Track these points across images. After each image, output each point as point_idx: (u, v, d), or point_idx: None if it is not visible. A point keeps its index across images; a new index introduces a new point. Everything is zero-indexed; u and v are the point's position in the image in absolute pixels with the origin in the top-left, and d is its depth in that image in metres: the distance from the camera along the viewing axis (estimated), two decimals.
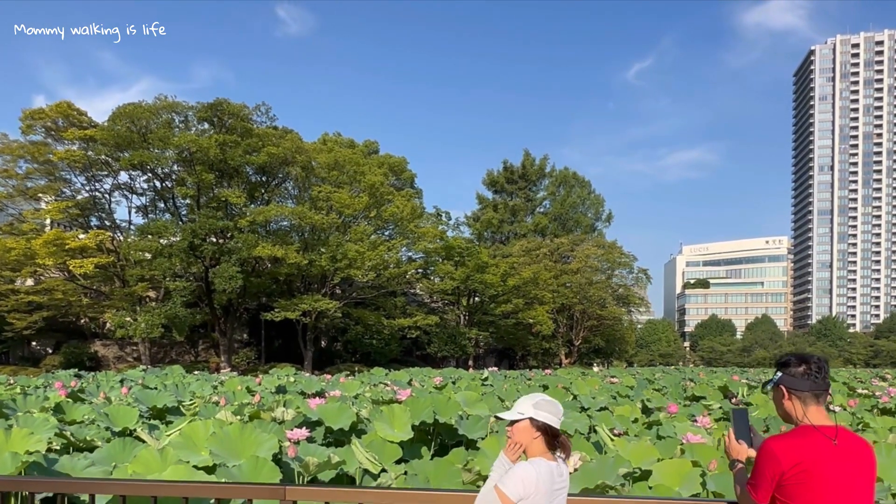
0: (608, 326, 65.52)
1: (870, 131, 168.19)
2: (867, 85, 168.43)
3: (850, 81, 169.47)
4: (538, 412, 2.51)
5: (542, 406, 2.54)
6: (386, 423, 5.94)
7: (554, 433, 2.52)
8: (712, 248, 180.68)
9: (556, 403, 2.63)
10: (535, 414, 2.50)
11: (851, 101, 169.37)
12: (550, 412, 2.53)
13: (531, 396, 2.63)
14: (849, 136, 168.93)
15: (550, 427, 2.50)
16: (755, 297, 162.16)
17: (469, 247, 53.41)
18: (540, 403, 2.55)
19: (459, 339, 52.23)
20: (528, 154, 77.48)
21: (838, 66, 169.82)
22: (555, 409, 2.56)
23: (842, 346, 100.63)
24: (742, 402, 9.23)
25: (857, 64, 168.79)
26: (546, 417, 2.50)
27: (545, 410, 2.52)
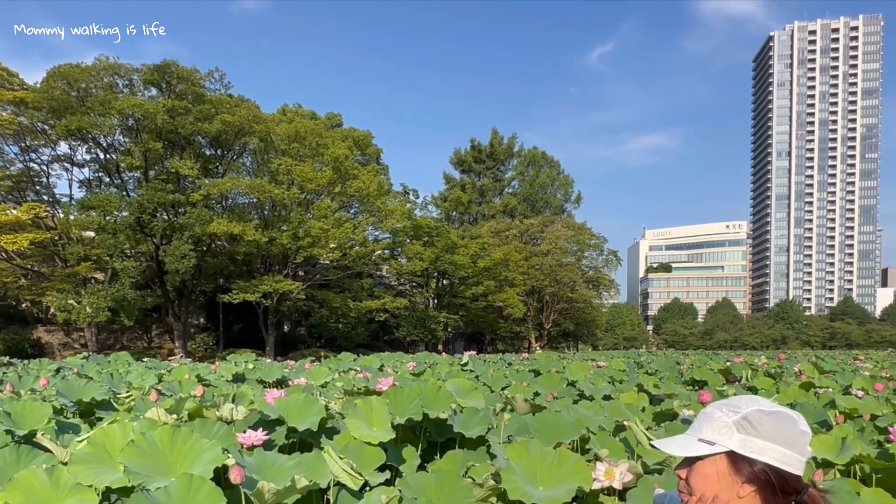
0: (578, 309, 65.30)
1: (825, 118, 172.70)
2: (823, 72, 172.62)
3: (807, 68, 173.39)
4: (751, 440, 1.23)
5: (759, 426, 1.23)
6: (363, 419, 4.57)
7: (789, 487, 1.22)
8: (674, 233, 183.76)
9: (791, 418, 1.27)
10: (746, 445, 1.24)
11: (808, 88, 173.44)
12: (779, 441, 1.23)
13: (729, 404, 1.31)
14: (805, 122, 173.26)
15: (782, 474, 1.22)
16: (716, 281, 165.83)
17: (438, 226, 51.93)
18: (754, 420, 1.24)
19: (429, 323, 50.96)
20: (496, 133, 76.17)
21: (796, 52, 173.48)
22: (789, 434, 1.24)
23: (799, 329, 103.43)
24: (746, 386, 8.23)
25: (814, 51, 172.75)
26: (772, 453, 1.22)
27: (768, 438, 1.23)
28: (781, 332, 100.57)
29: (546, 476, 3.17)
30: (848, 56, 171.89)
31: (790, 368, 10.14)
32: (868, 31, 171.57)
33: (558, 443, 4.17)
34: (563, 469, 3.16)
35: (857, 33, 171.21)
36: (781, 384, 7.90)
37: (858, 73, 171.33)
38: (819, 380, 8.00)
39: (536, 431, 4.36)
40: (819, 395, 6.47)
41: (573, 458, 3.17)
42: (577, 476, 3.09)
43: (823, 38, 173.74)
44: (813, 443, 3.81)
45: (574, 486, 3.00)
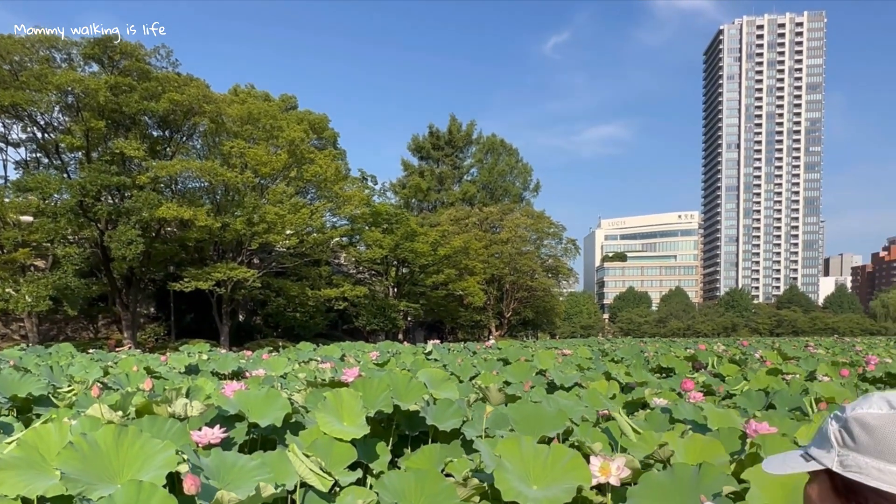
0: (538, 298, 65.82)
1: (772, 111, 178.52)
2: (770, 66, 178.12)
3: (755, 62, 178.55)
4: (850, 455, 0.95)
5: (859, 436, 0.95)
6: (332, 413, 4.23)
7: None
8: (629, 223, 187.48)
9: None
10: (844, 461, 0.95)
11: (756, 82, 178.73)
12: (886, 456, 0.92)
13: (848, 406, 1.01)
14: (754, 115, 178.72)
15: None
16: (669, 270, 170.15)
17: (398, 213, 51.35)
18: (855, 428, 0.95)
19: (389, 312, 50.47)
20: (454, 119, 75.64)
21: (744, 46, 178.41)
22: None
23: (748, 317, 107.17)
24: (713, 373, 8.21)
25: (762, 45, 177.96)
26: (877, 474, 0.91)
27: (871, 452, 0.93)
28: (732, 320, 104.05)
29: (540, 474, 2.90)
30: (793, 51, 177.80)
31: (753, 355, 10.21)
32: (812, 28, 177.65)
33: (544, 436, 3.92)
34: (559, 466, 2.89)
35: (801, 29, 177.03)
36: (747, 371, 7.89)
37: (803, 69, 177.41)
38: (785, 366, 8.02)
39: (517, 424, 4.11)
40: (790, 382, 6.42)
41: (569, 454, 2.90)
42: (575, 474, 2.83)
43: (770, 33, 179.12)
44: (801, 432, 3.67)
45: (572, 484, 2.74)
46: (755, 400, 5.68)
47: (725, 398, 6.36)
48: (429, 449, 4.08)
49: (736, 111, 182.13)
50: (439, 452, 4.07)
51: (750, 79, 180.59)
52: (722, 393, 6.56)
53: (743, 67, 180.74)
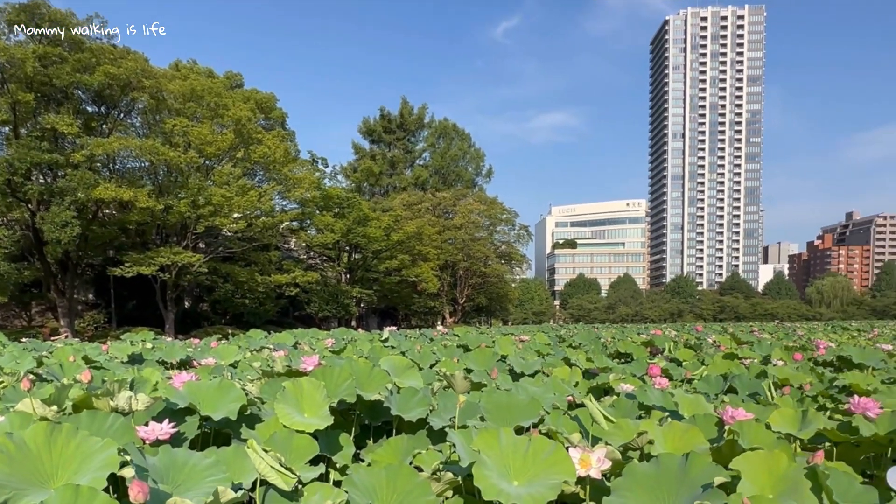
0: (491, 284, 66.20)
1: (715, 102, 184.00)
2: (714, 58, 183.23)
3: (699, 53, 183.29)
4: None
5: None
6: (292, 404, 3.96)
7: None
8: (579, 210, 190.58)
9: None
10: None
11: (700, 73, 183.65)
12: None
13: None
14: (698, 105, 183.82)
15: None
16: (617, 257, 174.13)
17: (349, 197, 50.52)
18: None
19: (342, 298, 49.78)
20: (405, 102, 74.81)
21: (689, 37, 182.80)
22: None
23: (692, 303, 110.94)
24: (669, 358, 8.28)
25: (706, 37, 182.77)
26: None
27: None
28: (678, 306, 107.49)
29: (521, 469, 2.72)
30: (735, 44, 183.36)
31: (706, 340, 10.36)
32: (753, 21, 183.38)
33: (518, 426, 3.77)
34: (540, 460, 2.72)
35: (743, 22, 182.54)
36: (704, 355, 7.96)
37: (744, 61, 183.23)
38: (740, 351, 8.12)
39: (489, 413, 3.93)
40: (749, 367, 6.48)
41: (550, 446, 2.73)
42: (558, 468, 2.66)
43: (714, 25, 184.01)
44: (774, 417, 3.63)
45: (557, 479, 2.57)
46: (715, 384, 5.70)
47: (684, 383, 6.38)
48: (395, 441, 3.87)
49: (681, 101, 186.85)
50: (406, 444, 3.87)
51: (694, 70, 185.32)
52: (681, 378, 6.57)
53: (688, 58, 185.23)
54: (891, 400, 4.26)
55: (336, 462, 3.86)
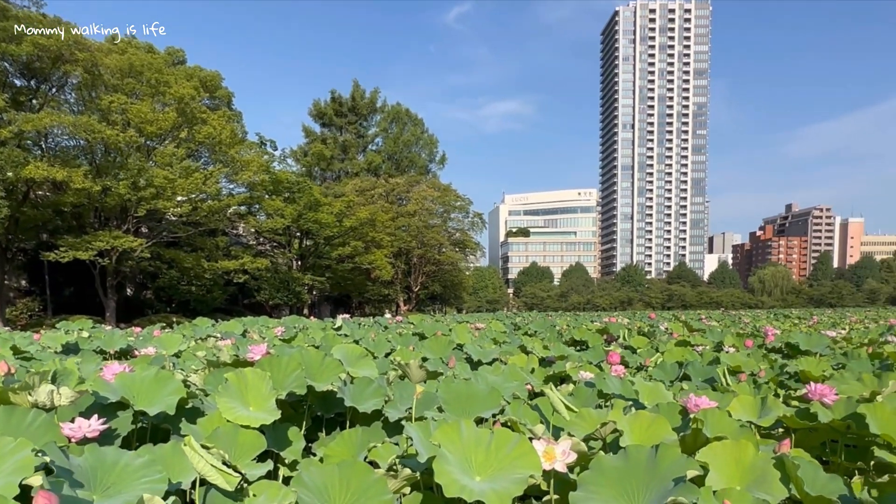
0: (446, 272, 66.12)
1: (663, 94, 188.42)
2: (662, 50, 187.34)
3: (647, 45, 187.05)
4: None
5: None
6: (236, 397, 3.71)
7: None
8: (532, 199, 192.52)
9: None
10: None
11: (649, 65, 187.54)
12: None
13: None
14: (647, 97, 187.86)
15: None
16: (569, 246, 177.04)
17: (300, 182, 49.34)
18: None
19: (293, 286, 48.77)
20: (357, 85, 73.36)
21: (638, 29, 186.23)
22: None
23: (642, 291, 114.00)
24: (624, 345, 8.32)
25: (654, 29, 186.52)
26: None
27: None
28: (628, 294, 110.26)
29: (484, 463, 2.56)
30: (682, 37, 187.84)
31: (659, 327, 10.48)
32: (699, 15, 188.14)
33: (478, 418, 3.62)
34: (504, 453, 2.56)
35: (689, 16, 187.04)
36: (657, 343, 8.01)
37: (691, 54, 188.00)
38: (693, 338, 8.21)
39: (447, 404, 3.77)
40: (703, 354, 6.52)
41: (514, 438, 2.58)
42: (523, 461, 2.51)
43: (662, 18, 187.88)
44: (734, 405, 3.60)
45: (522, 474, 2.42)
46: (670, 371, 5.70)
47: (640, 370, 6.38)
48: (348, 434, 3.67)
49: (631, 92, 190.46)
50: (360, 437, 3.68)
51: (643, 61, 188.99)
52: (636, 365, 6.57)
53: (637, 50, 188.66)
54: (843, 386, 4.30)
55: (285, 458, 3.64)
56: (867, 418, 3.12)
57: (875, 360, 5.63)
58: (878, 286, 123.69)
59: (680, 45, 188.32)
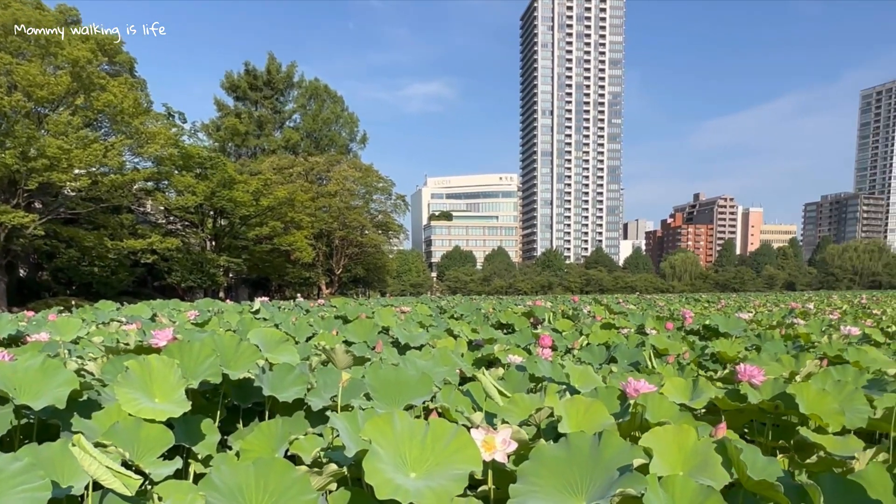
0: (369, 255, 65.28)
1: (581, 82, 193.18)
2: (579, 38, 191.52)
3: (565, 32, 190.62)
4: None
5: None
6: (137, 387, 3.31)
7: None
8: (454, 182, 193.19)
9: None
10: None
11: (566, 52, 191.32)
12: None
13: None
14: (565, 84, 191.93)
15: None
16: (492, 231, 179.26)
17: (213, 158, 46.97)
18: None
19: (207, 267, 46.62)
20: (272, 58, 70.49)
21: (556, 16, 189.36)
22: None
23: (561, 276, 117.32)
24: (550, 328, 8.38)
25: (571, 17, 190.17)
26: None
27: None
28: (548, 279, 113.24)
29: (420, 458, 2.36)
30: (598, 26, 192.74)
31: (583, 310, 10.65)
32: (613, 6, 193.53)
33: (410, 406, 3.42)
34: (441, 446, 2.37)
35: (605, 5, 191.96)
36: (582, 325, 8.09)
37: (606, 44, 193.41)
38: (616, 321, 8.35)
39: (376, 391, 3.55)
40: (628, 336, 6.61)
41: (452, 430, 2.39)
42: (463, 455, 2.33)
43: (578, 6, 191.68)
44: (667, 388, 3.59)
45: (462, 470, 2.24)
46: (598, 354, 5.72)
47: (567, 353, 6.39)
48: (267, 425, 3.38)
49: (549, 79, 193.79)
50: (281, 429, 3.40)
51: (561, 48, 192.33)
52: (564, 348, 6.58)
53: (555, 37, 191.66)
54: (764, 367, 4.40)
55: (198, 453, 3.31)
56: (797, 398, 3.17)
57: (788, 342, 5.87)
58: (775, 272, 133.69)
59: (596, 34, 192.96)
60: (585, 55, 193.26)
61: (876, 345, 5.94)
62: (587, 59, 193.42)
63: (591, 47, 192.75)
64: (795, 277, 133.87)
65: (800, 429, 3.16)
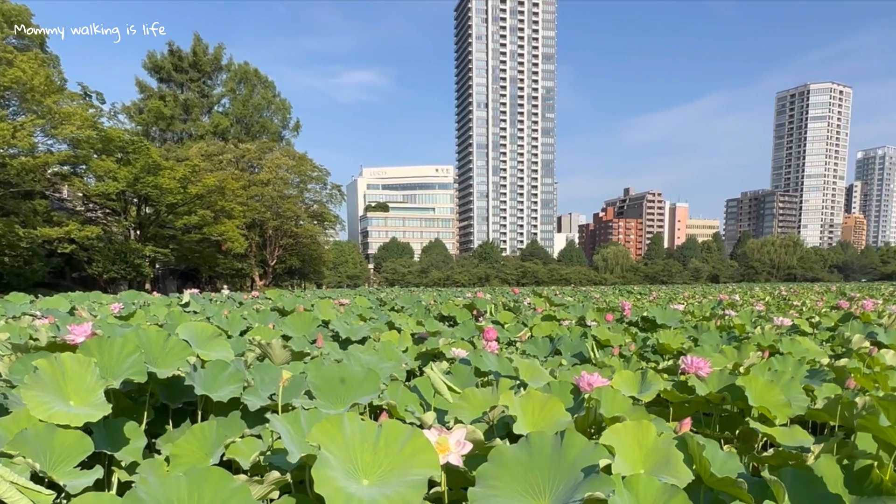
0: (304, 246, 63.74)
1: (515, 75, 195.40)
2: (513, 32, 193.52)
3: (499, 26, 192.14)
4: None
5: None
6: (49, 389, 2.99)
7: None
8: (390, 173, 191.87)
9: None
10: None
11: (501, 45, 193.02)
12: None
13: None
14: (499, 77, 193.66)
15: None
16: (428, 222, 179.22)
17: (136, 142, 44.37)
18: None
19: (131, 258, 44.21)
20: (199, 39, 67.29)
21: (490, 9, 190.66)
22: None
23: (498, 268, 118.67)
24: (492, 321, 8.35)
25: (505, 10, 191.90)
26: None
27: None
28: (485, 271, 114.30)
29: (372, 464, 2.18)
30: (531, 21, 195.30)
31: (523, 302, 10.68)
32: (546, 0, 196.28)
33: (356, 405, 3.23)
34: (396, 451, 2.20)
35: (537, 0, 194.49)
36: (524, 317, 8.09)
37: (539, 38, 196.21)
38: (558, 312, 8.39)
39: (318, 390, 3.35)
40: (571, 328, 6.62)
41: (406, 431, 2.23)
42: (419, 459, 2.17)
43: (512, 0, 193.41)
44: (616, 381, 3.57)
45: (420, 475, 2.08)
46: (542, 347, 5.69)
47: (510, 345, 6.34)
48: (200, 428, 3.13)
49: (484, 71, 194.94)
50: (215, 431, 3.16)
51: (496, 41, 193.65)
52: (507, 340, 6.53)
53: (489, 30, 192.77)
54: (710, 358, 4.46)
55: (121, 460, 3.02)
56: (745, 390, 3.19)
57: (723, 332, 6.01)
58: (700, 265, 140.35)
59: (529, 28, 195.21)
60: (519, 49, 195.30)
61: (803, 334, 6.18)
62: (521, 53, 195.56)
63: (525, 41, 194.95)
64: (719, 270, 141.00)
65: (749, 420, 3.19)
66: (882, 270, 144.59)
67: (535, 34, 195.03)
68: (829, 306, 10.16)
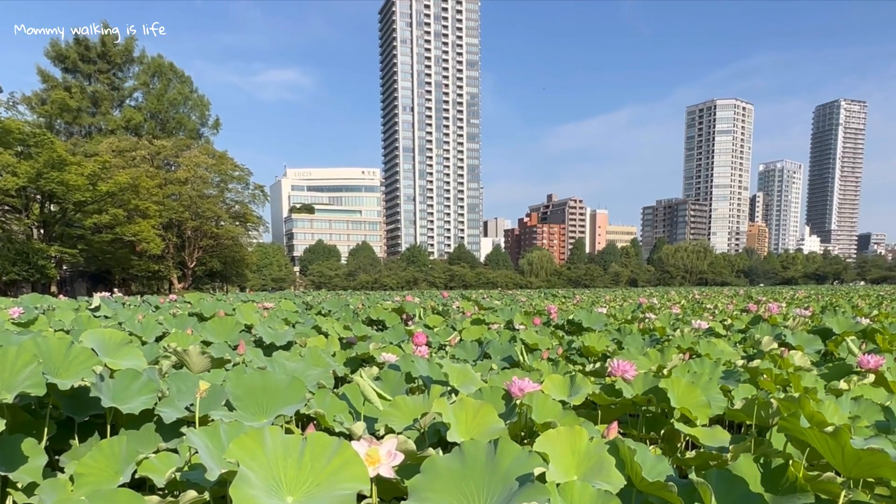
0: (226, 247, 61.13)
1: (440, 80, 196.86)
2: (437, 37, 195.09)
3: (424, 31, 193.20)
4: None
5: None
6: None
7: None
8: (315, 174, 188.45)
9: None
10: None
11: (426, 50, 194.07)
12: None
13: None
14: (424, 81, 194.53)
15: None
16: (355, 225, 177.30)
17: (38, 134, 41.22)
18: None
19: (34, 259, 40.98)
20: (107, 26, 63.34)
21: (414, 13, 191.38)
22: None
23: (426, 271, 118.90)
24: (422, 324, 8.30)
25: (429, 16, 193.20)
26: None
27: None
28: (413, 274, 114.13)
29: (298, 479, 2.04)
30: (455, 27, 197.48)
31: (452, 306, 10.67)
32: (469, 8, 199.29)
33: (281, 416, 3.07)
34: (321, 464, 2.07)
35: (461, 7, 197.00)
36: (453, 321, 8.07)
37: (463, 45, 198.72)
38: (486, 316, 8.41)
39: (239, 400, 3.17)
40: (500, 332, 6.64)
41: (334, 444, 2.11)
42: (347, 472, 2.06)
43: (436, 5, 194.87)
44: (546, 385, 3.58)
45: (349, 489, 1.97)
46: (471, 350, 5.67)
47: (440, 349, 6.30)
48: (108, 443, 2.89)
49: (409, 75, 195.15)
50: (125, 446, 2.93)
51: (420, 46, 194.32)
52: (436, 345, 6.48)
53: (414, 34, 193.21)
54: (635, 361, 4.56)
55: (17, 481, 2.76)
56: (668, 392, 3.27)
57: (645, 335, 6.20)
58: (620, 270, 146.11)
59: (453, 34, 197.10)
60: (444, 54, 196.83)
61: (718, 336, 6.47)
62: (446, 59, 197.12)
63: (450, 47, 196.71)
64: (637, 274, 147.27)
65: (673, 421, 3.27)
66: (783, 275, 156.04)
67: (459, 40, 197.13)
68: (738, 309, 10.74)
